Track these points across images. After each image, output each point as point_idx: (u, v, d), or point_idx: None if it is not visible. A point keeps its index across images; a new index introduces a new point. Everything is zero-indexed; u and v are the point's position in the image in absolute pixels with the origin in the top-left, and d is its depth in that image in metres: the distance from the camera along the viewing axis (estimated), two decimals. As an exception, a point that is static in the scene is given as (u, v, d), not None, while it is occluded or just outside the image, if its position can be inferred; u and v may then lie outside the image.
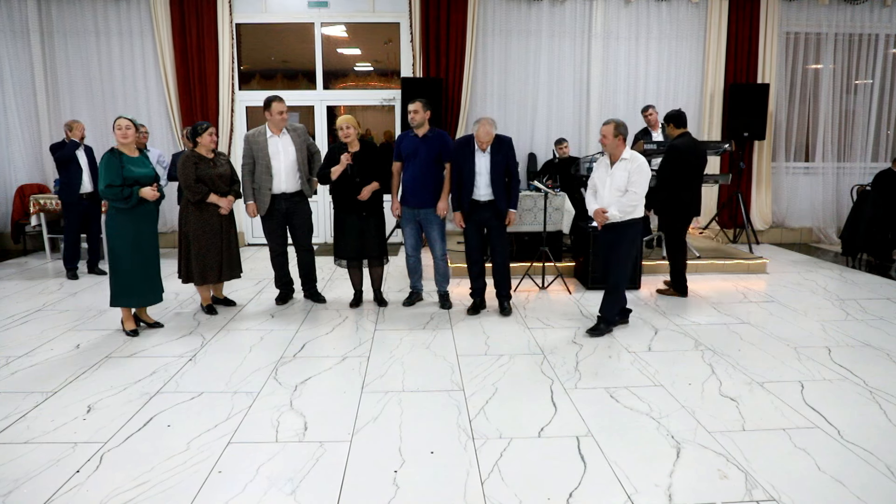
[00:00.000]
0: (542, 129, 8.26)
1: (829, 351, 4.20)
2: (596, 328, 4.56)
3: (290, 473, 2.67)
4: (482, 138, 4.69)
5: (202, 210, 4.83)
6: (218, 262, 4.94)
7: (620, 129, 4.35)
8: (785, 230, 8.81)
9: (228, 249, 5.00)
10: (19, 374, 3.80)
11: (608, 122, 4.40)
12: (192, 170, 4.72)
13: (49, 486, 2.56)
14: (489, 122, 4.71)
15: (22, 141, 7.97)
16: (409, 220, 5.10)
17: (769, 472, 2.66)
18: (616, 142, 4.35)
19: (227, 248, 4.99)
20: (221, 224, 4.93)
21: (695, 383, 3.65)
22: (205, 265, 4.90)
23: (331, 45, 8.30)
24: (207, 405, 3.35)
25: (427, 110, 4.89)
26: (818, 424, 3.11)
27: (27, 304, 5.41)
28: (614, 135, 4.34)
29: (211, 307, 5.13)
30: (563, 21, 8.10)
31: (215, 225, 4.89)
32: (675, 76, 8.31)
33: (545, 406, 3.34)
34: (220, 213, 4.88)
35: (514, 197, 4.87)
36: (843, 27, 8.34)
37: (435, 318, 4.98)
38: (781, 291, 5.84)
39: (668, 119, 5.50)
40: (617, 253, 4.46)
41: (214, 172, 4.82)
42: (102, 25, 7.84)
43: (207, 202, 4.82)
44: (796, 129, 8.63)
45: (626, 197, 4.34)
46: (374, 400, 3.42)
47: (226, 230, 4.97)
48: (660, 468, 2.70)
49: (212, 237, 4.88)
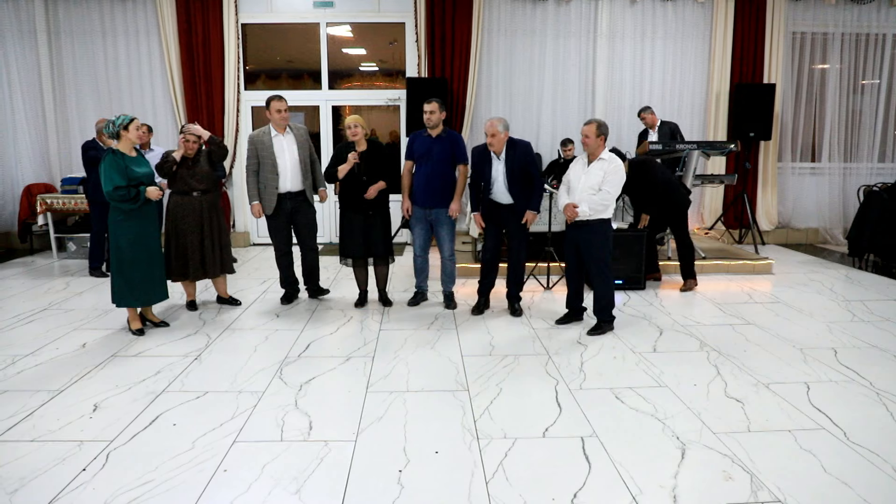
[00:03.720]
0: (548, 129, 8.25)
1: (836, 352, 4.18)
2: (597, 327, 4.59)
3: (295, 473, 2.67)
4: (488, 138, 4.69)
5: (178, 207, 4.86)
6: (195, 260, 4.94)
7: (602, 128, 4.40)
8: (791, 231, 8.77)
9: (210, 245, 4.99)
10: (25, 373, 3.81)
11: (589, 123, 4.41)
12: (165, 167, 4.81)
13: (56, 484, 2.57)
14: (492, 122, 4.67)
15: (29, 140, 8.01)
16: (419, 220, 5.10)
17: (774, 473, 2.65)
18: (598, 141, 4.40)
19: (210, 244, 4.98)
20: (202, 220, 4.92)
21: (700, 384, 3.64)
22: (182, 262, 4.92)
23: (336, 45, 8.31)
24: (213, 404, 3.36)
25: (443, 111, 4.90)
26: (824, 426, 3.10)
27: (33, 303, 5.43)
28: (596, 135, 4.38)
29: (192, 303, 5.18)
30: (569, 21, 8.09)
31: (191, 222, 4.89)
32: (680, 76, 8.29)
33: (550, 406, 3.34)
34: (198, 209, 4.89)
35: (534, 198, 4.81)
36: (849, 27, 8.30)
37: (440, 318, 4.99)
38: (787, 292, 5.82)
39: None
40: (591, 253, 4.51)
41: (189, 172, 4.85)
42: (109, 25, 7.87)
43: (184, 198, 4.87)
44: (802, 130, 8.59)
45: (598, 195, 4.38)
46: (378, 400, 3.42)
47: (207, 226, 4.96)
48: (665, 469, 2.70)
49: (188, 234, 4.89)
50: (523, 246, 4.95)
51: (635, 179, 5.51)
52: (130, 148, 4.38)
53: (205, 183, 4.94)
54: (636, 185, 5.60)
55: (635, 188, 5.64)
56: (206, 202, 4.95)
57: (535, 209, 4.81)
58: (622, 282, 5.79)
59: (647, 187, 5.63)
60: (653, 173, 5.62)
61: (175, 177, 4.85)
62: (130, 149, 4.39)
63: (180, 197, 4.88)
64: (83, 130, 7.93)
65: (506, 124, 4.70)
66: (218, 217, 5.07)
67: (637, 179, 5.55)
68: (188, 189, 4.88)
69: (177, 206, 4.88)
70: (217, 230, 5.05)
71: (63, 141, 8.06)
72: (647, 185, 5.61)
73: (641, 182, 5.60)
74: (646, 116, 7.30)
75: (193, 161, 4.89)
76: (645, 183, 5.61)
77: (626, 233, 5.83)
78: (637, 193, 5.76)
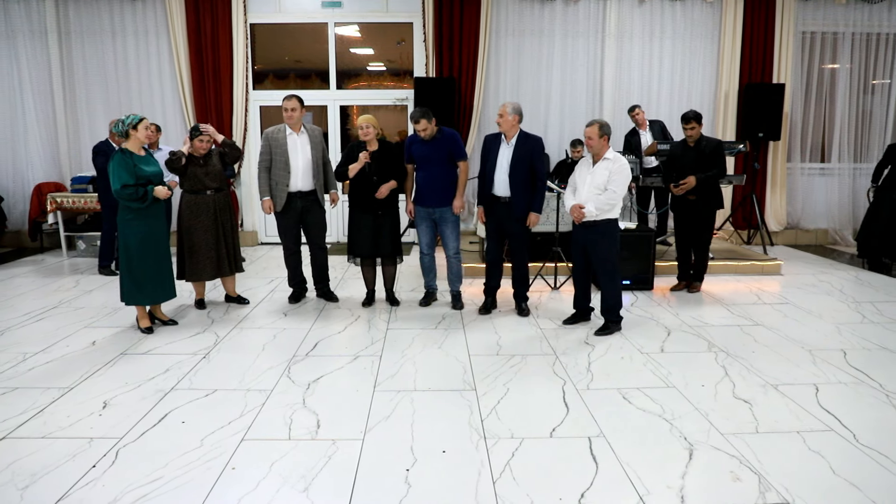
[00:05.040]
0: (555, 129, 8.23)
1: (845, 353, 4.16)
2: (605, 328, 4.58)
3: (303, 471, 2.68)
4: (498, 119, 4.72)
5: (192, 206, 4.89)
6: (212, 259, 4.98)
7: (605, 128, 4.40)
8: (800, 232, 8.72)
9: (224, 245, 5.03)
10: (36, 370, 3.85)
11: (592, 124, 4.41)
12: (175, 161, 4.82)
13: (66, 481, 2.59)
14: (504, 104, 4.72)
15: (39, 139, 8.07)
16: (423, 219, 5.11)
17: (783, 474, 2.64)
18: (601, 142, 4.40)
19: (223, 243, 5.02)
20: (216, 218, 4.96)
21: (708, 385, 3.63)
22: (196, 261, 4.94)
23: (343, 45, 8.33)
24: (221, 402, 3.38)
25: (432, 121, 4.88)
26: (833, 427, 3.09)
27: (44, 300, 5.47)
28: (599, 135, 4.38)
29: (201, 301, 5.21)
30: (577, 21, 8.07)
31: (206, 221, 4.92)
32: (689, 76, 8.25)
33: (557, 406, 3.34)
34: (212, 208, 4.92)
35: (536, 198, 4.80)
36: (860, 26, 8.24)
37: (447, 317, 4.99)
38: (796, 293, 5.80)
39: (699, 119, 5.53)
40: (599, 253, 4.50)
41: (202, 170, 4.87)
42: (119, 25, 7.92)
43: (198, 197, 4.89)
44: (812, 130, 8.53)
45: (604, 195, 4.38)
46: (386, 399, 3.43)
47: (221, 224, 5.00)
48: (672, 470, 2.69)
49: (203, 233, 4.92)
50: (524, 247, 4.94)
51: (713, 153, 5.42)
52: (139, 147, 4.41)
53: (217, 181, 4.97)
54: (708, 157, 5.44)
55: (707, 159, 5.44)
56: (219, 200, 4.99)
57: (538, 210, 4.81)
58: (629, 282, 5.78)
59: (719, 161, 5.45)
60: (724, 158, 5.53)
61: (188, 175, 4.87)
62: (139, 148, 4.41)
63: (194, 196, 4.90)
64: (93, 130, 7.99)
65: (516, 108, 4.72)
66: (230, 215, 5.11)
67: (716, 150, 5.44)
68: (202, 188, 4.90)
69: (190, 204, 4.90)
70: (230, 228, 5.10)
71: (73, 140, 8.11)
72: (720, 159, 5.47)
73: (715, 154, 5.45)
74: (638, 114, 7.23)
75: (206, 160, 4.92)
76: (718, 157, 5.45)
77: (633, 233, 5.82)
78: (704, 163, 5.46)
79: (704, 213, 5.53)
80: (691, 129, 5.46)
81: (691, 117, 5.46)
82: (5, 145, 8.09)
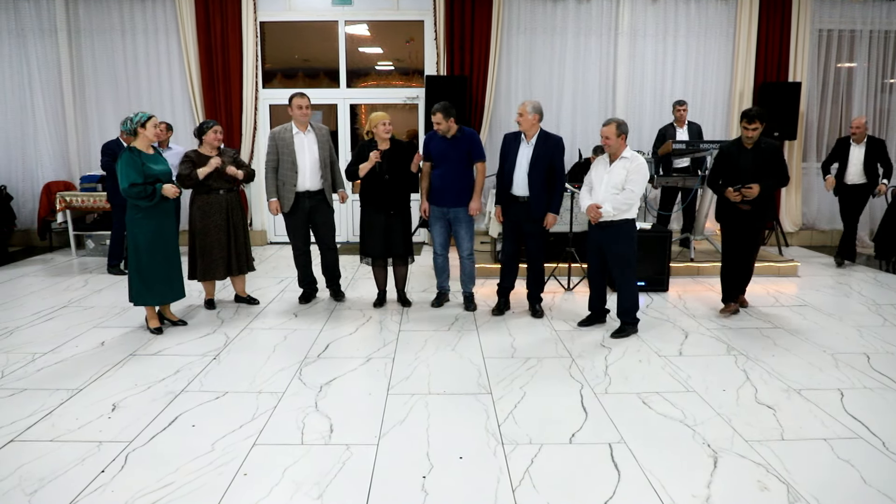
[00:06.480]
0: (567, 128, 8.13)
1: (868, 357, 4.06)
2: (621, 330, 4.50)
3: (317, 477, 2.61)
4: (516, 117, 4.65)
5: (205, 206, 4.85)
6: (224, 258, 4.94)
7: (622, 127, 4.31)
8: (815, 232, 8.60)
9: (235, 245, 5.01)
10: (45, 371, 3.80)
11: (609, 123, 4.33)
12: (186, 167, 4.78)
13: (75, 486, 2.53)
14: (524, 102, 4.64)
15: (49, 138, 8.05)
16: (438, 219, 5.04)
17: (812, 484, 2.55)
18: (619, 141, 4.32)
19: (234, 243, 5.00)
20: (228, 219, 4.93)
21: (729, 389, 3.54)
22: (209, 261, 4.91)
23: (353, 44, 8.27)
24: (232, 405, 3.32)
25: (450, 117, 4.81)
26: (861, 435, 2.99)
27: (52, 300, 5.43)
28: (617, 134, 4.29)
29: (211, 302, 5.17)
30: (589, 18, 7.97)
31: (218, 220, 4.89)
32: (703, 74, 8.14)
33: (575, 411, 3.26)
34: (225, 207, 4.89)
35: (554, 199, 4.72)
36: (877, 24, 8.11)
37: (460, 319, 4.92)
38: (814, 295, 5.69)
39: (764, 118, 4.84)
40: (616, 254, 4.42)
41: (217, 170, 4.82)
42: (128, 23, 7.89)
43: (210, 196, 4.86)
44: (828, 129, 8.41)
45: (622, 195, 4.30)
46: (400, 402, 3.36)
47: (233, 225, 4.97)
48: (697, 478, 2.61)
49: (216, 233, 4.89)
50: (541, 248, 4.86)
51: (774, 157, 4.79)
52: (147, 145, 4.36)
53: (229, 181, 4.94)
54: (769, 162, 4.78)
55: (768, 164, 4.78)
56: (231, 200, 4.96)
57: (556, 211, 4.73)
58: (644, 283, 5.68)
59: (782, 166, 4.82)
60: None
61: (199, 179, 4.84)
62: (147, 146, 4.36)
63: (206, 195, 4.86)
64: (102, 128, 7.96)
65: (536, 107, 4.63)
66: (242, 214, 5.08)
67: (776, 154, 4.81)
68: (215, 187, 4.86)
69: (203, 204, 4.85)
70: (241, 227, 5.07)
71: (82, 139, 8.09)
72: (784, 165, 4.84)
73: (776, 158, 4.79)
74: (682, 110, 7.13)
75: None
76: (780, 162, 4.80)
77: (648, 233, 5.72)
78: (764, 169, 4.78)
79: (757, 225, 4.94)
80: (754, 130, 4.67)
81: (755, 115, 4.65)
82: (15, 144, 8.07)
